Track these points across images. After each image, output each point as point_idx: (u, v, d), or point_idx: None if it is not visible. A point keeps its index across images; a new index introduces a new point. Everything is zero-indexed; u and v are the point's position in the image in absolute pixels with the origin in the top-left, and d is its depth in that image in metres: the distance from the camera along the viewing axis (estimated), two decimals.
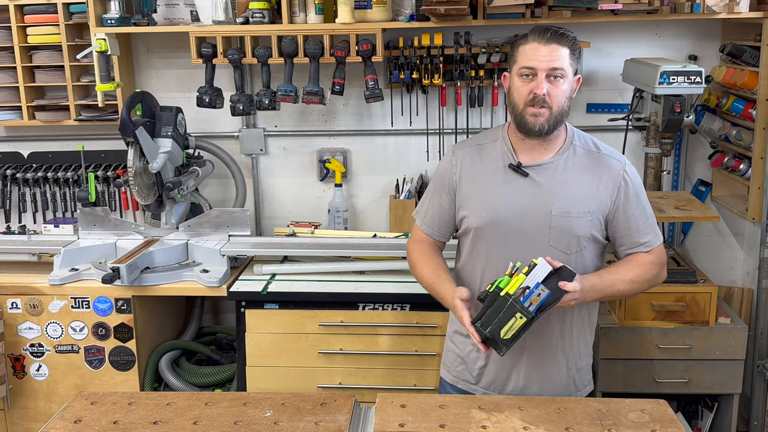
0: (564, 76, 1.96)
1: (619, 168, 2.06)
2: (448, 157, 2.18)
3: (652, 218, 2.10)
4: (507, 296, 1.85)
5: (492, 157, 2.10)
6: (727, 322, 2.90)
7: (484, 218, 2.06)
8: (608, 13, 2.98)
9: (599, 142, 2.13)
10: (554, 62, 1.93)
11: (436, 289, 2.10)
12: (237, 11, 3.25)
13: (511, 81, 2.03)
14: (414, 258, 2.21)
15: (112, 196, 3.58)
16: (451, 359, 2.27)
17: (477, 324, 1.88)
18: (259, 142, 3.58)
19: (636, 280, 2.04)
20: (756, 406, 3.13)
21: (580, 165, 2.06)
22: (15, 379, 3.10)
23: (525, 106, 1.98)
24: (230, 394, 2.09)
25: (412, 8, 3.17)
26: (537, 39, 1.95)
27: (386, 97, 3.40)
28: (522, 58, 1.97)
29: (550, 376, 2.14)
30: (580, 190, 2.03)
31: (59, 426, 1.91)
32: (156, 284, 2.99)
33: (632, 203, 2.06)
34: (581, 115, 3.46)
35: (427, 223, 2.22)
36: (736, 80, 3.05)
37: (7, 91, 3.48)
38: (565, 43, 1.95)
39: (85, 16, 3.26)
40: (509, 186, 2.06)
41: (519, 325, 1.84)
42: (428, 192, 2.24)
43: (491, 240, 2.07)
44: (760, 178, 3.06)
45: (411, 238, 2.28)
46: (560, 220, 2.02)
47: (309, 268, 3.12)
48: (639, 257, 2.08)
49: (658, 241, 2.11)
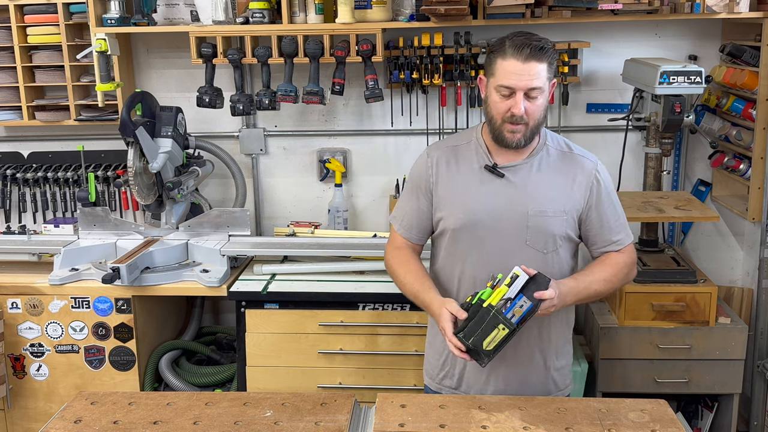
0: (542, 92, 1.96)
1: (591, 167, 2.09)
2: (423, 159, 2.16)
3: (623, 217, 2.14)
4: (490, 307, 1.85)
5: (467, 158, 2.11)
6: (727, 322, 2.90)
7: (461, 219, 2.07)
8: (608, 13, 2.98)
9: (571, 142, 2.16)
10: (532, 82, 1.92)
11: (420, 297, 2.07)
12: (237, 11, 3.25)
13: (488, 91, 2.02)
14: (395, 266, 2.18)
15: (112, 196, 3.58)
16: (432, 365, 2.27)
17: (459, 335, 1.88)
18: (259, 142, 3.58)
19: (610, 279, 2.08)
20: (756, 406, 3.13)
21: (554, 165, 2.08)
22: (15, 379, 3.10)
23: (503, 122, 1.98)
24: (230, 394, 2.09)
25: (412, 8, 3.17)
26: (515, 55, 1.91)
27: (386, 97, 3.40)
28: (500, 74, 1.95)
29: (529, 377, 2.15)
30: (555, 190, 2.06)
31: (59, 426, 1.91)
32: (156, 284, 2.99)
33: (604, 202, 2.09)
34: (581, 115, 3.46)
35: (406, 227, 2.19)
36: (736, 80, 3.05)
37: (7, 91, 3.48)
38: (544, 58, 1.93)
39: (85, 16, 3.27)
40: (485, 187, 2.06)
41: (501, 337, 1.85)
42: (404, 195, 2.22)
43: (468, 241, 2.08)
44: (760, 178, 3.06)
45: (389, 245, 2.25)
46: (537, 220, 2.03)
47: (309, 268, 3.12)
48: (611, 257, 2.12)
49: (629, 239, 2.14)
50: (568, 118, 3.47)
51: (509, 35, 1.98)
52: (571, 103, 3.41)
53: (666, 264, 2.98)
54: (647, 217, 2.88)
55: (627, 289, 2.85)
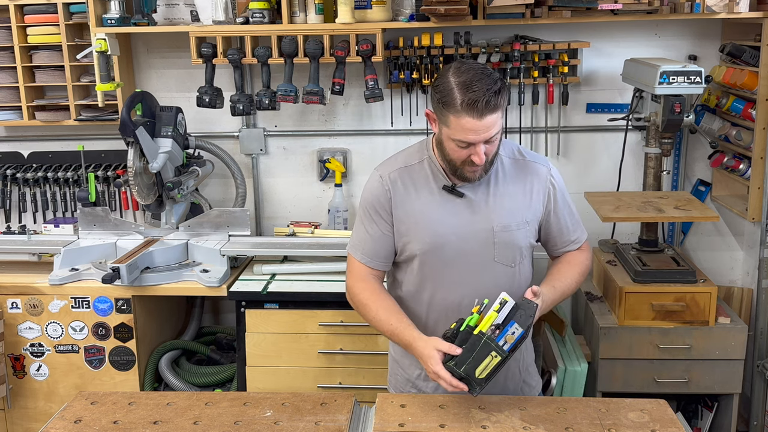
0: (499, 132, 1.90)
1: (545, 173, 2.08)
2: (377, 181, 2.05)
3: (577, 215, 2.16)
4: (481, 335, 1.80)
5: (423, 179, 2.04)
6: (727, 322, 2.90)
7: (428, 243, 2.01)
8: (608, 13, 2.98)
9: (522, 147, 2.13)
10: (490, 132, 1.85)
11: (399, 336, 1.96)
12: (237, 11, 3.25)
13: (442, 136, 1.92)
14: (364, 300, 2.06)
15: (112, 196, 3.58)
16: (401, 383, 2.23)
17: (450, 364, 1.81)
18: (259, 142, 3.58)
19: (578, 279, 2.11)
20: (756, 406, 3.13)
21: (510, 175, 2.06)
22: (15, 379, 3.10)
23: (463, 165, 1.93)
24: (230, 394, 2.09)
25: (412, 8, 3.17)
26: (470, 114, 1.81)
27: (386, 97, 3.40)
28: (456, 130, 1.85)
29: (505, 381, 2.15)
30: (516, 202, 2.05)
31: (59, 426, 1.92)
32: (156, 284, 3.00)
33: (560, 204, 2.10)
34: (581, 115, 3.46)
35: (369, 255, 2.07)
36: (736, 80, 3.05)
37: (7, 91, 3.48)
38: (499, 105, 1.84)
39: (85, 16, 3.27)
40: (447, 208, 2.02)
41: (494, 365, 1.81)
42: (361, 222, 2.09)
43: (436, 263, 2.03)
44: (759, 178, 3.06)
45: (351, 277, 2.12)
46: (503, 235, 2.02)
47: (309, 268, 3.12)
48: (574, 257, 2.14)
49: (585, 235, 2.17)
50: (568, 118, 3.47)
51: (457, 78, 1.83)
52: (571, 103, 3.41)
53: (666, 264, 2.98)
54: (647, 217, 2.88)
55: (627, 289, 2.86)
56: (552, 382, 2.80)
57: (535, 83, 3.33)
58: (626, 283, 2.91)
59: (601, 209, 2.90)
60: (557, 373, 2.82)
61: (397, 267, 2.14)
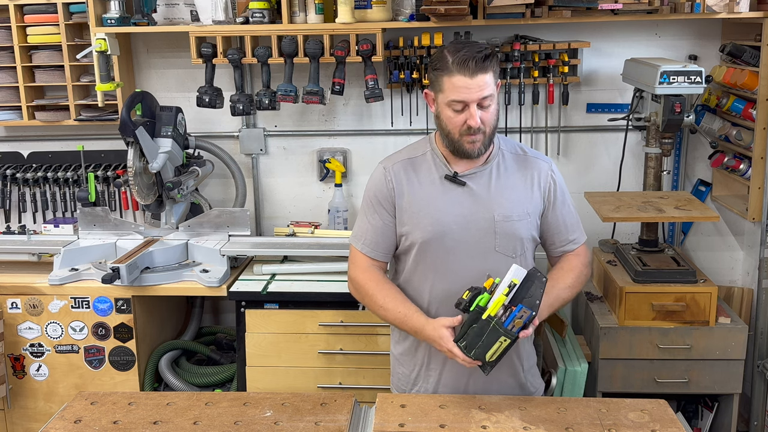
0: (493, 98, 1.97)
1: (546, 168, 2.12)
2: (380, 173, 2.12)
3: (577, 216, 2.18)
4: (489, 319, 1.84)
5: (425, 169, 2.09)
6: (727, 322, 2.90)
7: (430, 231, 2.04)
8: (608, 13, 2.98)
9: (524, 145, 2.18)
10: (483, 92, 1.93)
11: (408, 323, 2.03)
12: (237, 11, 3.25)
13: (439, 108, 2.01)
14: (369, 291, 2.10)
15: (112, 196, 3.58)
16: (404, 382, 2.24)
17: (461, 345, 1.87)
18: (259, 142, 3.58)
19: (574, 285, 2.12)
20: (756, 406, 3.13)
21: (511, 168, 2.10)
22: (15, 379, 3.10)
23: (461, 135, 1.99)
24: (230, 394, 2.09)
25: (412, 8, 3.17)
26: (461, 71, 1.91)
27: (386, 97, 3.40)
28: (449, 91, 1.94)
29: (507, 380, 2.15)
30: (517, 193, 2.07)
31: (59, 426, 1.92)
32: (156, 284, 2.99)
33: (560, 201, 2.12)
34: (581, 115, 3.46)
35: (371, 246, 2.12)
36: (736, 80, 3.05)
37: (7, 91, 3.48)
38: (489, 67, 1.93)
39: (85, 16, 3.27)
40: (449, 196, 2.06)
41: (504, 348, 1.84)
42: (363, 214, 2.15)
43: (437, 252, 2.06)
44: (760, 178, 3.06)
45: (354, 268, 2.16)
46: (504, 225, 2.04)
47: (309, 268, 3.12)
48: (570, 261, 2.15)
49: (584, 238, 2.18)
50: (568, 118, 3.47)
51: (449, 47, 1.97)
52: (571, 103, 3.41)
53: (666, 264, 2.98)
54: (647, 217, 2.88)
55: (627, 289, 2.86)
56: (552, 383, 2.80)
57: (536, 83, 3.33)
58: (626, 283, 2.91)
59: (601, 209, 2.90)
60: (557, 374, 2.82)
61: (398, 257, 2.17)
